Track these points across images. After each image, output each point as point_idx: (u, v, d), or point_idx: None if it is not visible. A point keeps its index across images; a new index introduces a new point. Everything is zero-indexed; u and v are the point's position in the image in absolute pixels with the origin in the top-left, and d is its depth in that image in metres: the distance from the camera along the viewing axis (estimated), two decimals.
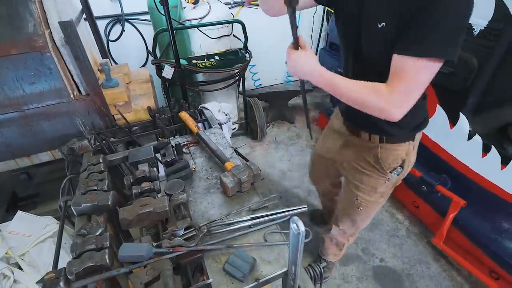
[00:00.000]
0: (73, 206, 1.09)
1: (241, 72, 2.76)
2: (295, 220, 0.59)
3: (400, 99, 0.92)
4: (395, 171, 1.31)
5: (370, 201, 1.45)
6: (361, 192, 1.43)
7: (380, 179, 1.34)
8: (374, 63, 1.07)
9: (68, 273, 0.88)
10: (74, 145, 1.47)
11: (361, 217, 1.57)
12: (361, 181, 1.40)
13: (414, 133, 1.25)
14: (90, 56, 1.94)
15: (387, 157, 1.27)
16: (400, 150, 1.26)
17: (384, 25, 0.96)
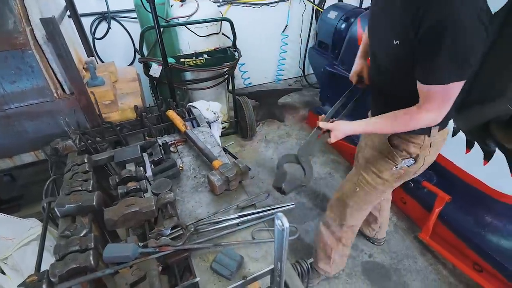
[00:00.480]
0: (56, 207, 1.07)
1: (230, 71, 2.75)
2: (279, 216, 0.59)
3: (439, 113, 1.06)
4: (407, 160, 1.32)
5: (369, 184, 1.45)
6: (365, 172, 1.46)
7: (388, 163, 1.36)
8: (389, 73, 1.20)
9: (51, 276, 0.86)
10: (58, 145, 1.44)
11: (353, 202, 1.54)
12: (371, 159, 1.43)
13: (429, 128, 1.23)
14: (74, 54, 1.90)
15: (399, 144, 1.31)
16: (413, 141, 1.28)
17: (397, 44, 1.05)
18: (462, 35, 0.88)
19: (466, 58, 0.92)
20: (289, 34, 3.99)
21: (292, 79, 4.56)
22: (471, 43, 0.90)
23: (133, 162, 1.38)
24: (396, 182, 1.44)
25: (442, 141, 1.33)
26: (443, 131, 1.30)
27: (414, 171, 1.38)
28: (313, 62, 3.60)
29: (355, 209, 1.57)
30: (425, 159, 1.33)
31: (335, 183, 2.81)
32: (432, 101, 1.03)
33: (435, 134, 1.26)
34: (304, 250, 2.22)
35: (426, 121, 1.10)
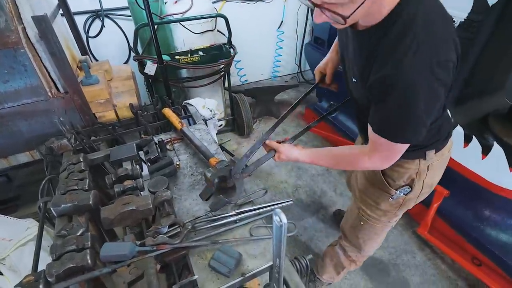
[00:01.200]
0: (52, 207, 1.06)
1: (226, 68, 2.73)
2: (277, 212, 0.59)
3: (383, 164, 1.01)
4: (402, 189, 1.20)
5: (371, 217, 1.37)
6: (364, 205, 1.37)
7: (384, 194, 1.25)
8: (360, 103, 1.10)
9: (47, 275, 0.85)
10: (53, 144, 1.42)
11: (363, 234, 1.48)
12: (365, 191, 1.34)
13: (422, 150, 1.12)
14: (68, 53, 1.87)
15: (391, 173, 1.19)
16: (408, 167, 1.15)
17: (355, 82, 1.00)
18: (408, 98, 0.79)
19: (411, 123, 0.84)
20: (284, 30, 3.97)
21: (288, 76, 4.54)
22: (418, 106, 0.80)
23: (129, 160, 1.37)
24: (400, 210, 1.32)
25: (443, 161, 1.20)
26: (442, 152, 1.17)
27: (415, 197, 1.25)
28: (310, 58, 3.59)
29: (368, 240, 1.50)
30: (424, 183, 1.20)
31: (332, 179, 2.81)
32: (377, 151, 0.97)
33: (432, 156, 1.14)
34: (302, 247, 2.23)
35: (369, 168, 1.05)
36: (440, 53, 0.78)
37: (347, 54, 1.05)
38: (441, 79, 0.79)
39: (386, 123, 0.89)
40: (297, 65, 4.40)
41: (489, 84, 1.80)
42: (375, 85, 0.84)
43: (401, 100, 0.81)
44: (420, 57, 0.76)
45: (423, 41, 0.76)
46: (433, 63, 0.77)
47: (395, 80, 0.78)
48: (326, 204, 2.56)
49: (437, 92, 0.80)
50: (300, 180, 2.81)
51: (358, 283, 2.00)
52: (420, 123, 0.85)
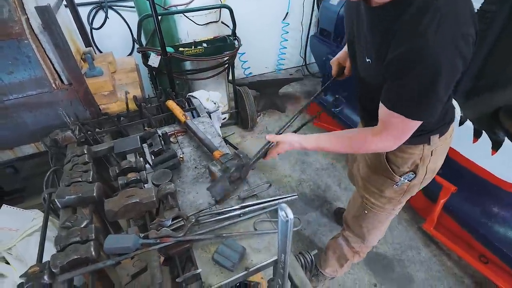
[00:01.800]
0: (56, 199, 1.06)
1: (230, 60, 2.71)
2: (283, 207, 0.57)
3: (390, 144, 0.99)
4: (406, 176, 1.20)
5: (375, 205, 1.36)
6: (367, 193, 1.37)
7: (388, 181, 1.25)
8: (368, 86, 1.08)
9: (52, 267, 0.85)
10: (57, 136, 1.42)
11: (367, 223, 1.47)
12: (369, 179, 1.33)
13: (427, 135, 1.11)
14: (72, 45, 1.86)
15: (395, 159, 1.19)
16: (411, 153, 1.15)
17: (369, 62, 0.98)
18: (431, 73, 0.78)
19: (430, 99, 0.83)
20: (290, 22, 3.91)
21: (293, 69, 4.50)
22: (440, 82, 0.79)
23: (133, 153, 1.36)
24: (404, 197, 1.32)
25: (445, 146, 1.20)
26: (445, 136, 1.17)
27: (419, 182, 1.25)
28: (315, 50, 3.54)
29: (372, 229, 1.50)
30: (427, 169, 1.20)
31: (337, 173, 2.79)
32: (390, 130, 0.96)
33: (436, 141, 1.13)
34: (305, 241, 2.22)
35: (379, 149, 1.03)
36: (462, 26, 0.77)
37: (358, 34, 1.02)
38: (462, 53, 0.77)
39: (403, 100, 0.87)
40: (302, 57, 4.34)
41: (503, 77, 1.75)
42: (394, 62, 0.83)
43: (424, 75, 0.79)
44: (443, 31, 0.75)
45: (446, 15, 0.75)
46: (457, 36, 0.76)
47: (418, 55, 0.77)
48: (330, 199, 2.54)
49: (458, 67, 0.79)
50: (304, 174, 2.79)
51: (362, 278, 1.99)
52: (439, 99, 0.84)
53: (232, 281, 0.89)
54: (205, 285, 0.86)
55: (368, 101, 1.17)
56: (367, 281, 1.97)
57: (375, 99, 0.97)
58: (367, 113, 1.25)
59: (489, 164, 1.81)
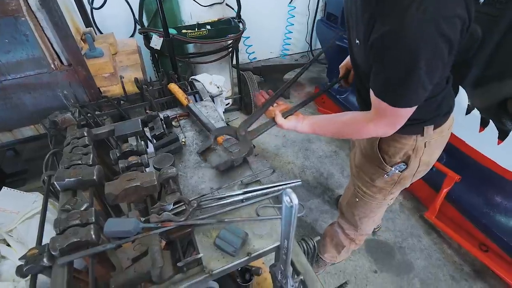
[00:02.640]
0: (56, 181, 1.04)
1: (234, 44, 2.64)
2: (288, 192, 0.55)
3: (387, 130, 0.96)
4: (397, 166, 1.17)
5: (367, 194, 1.35)
6: (359, 181, 1.35)
7: (379, 170, 1.22)
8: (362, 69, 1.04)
9: (51, 249, 0.84)
10: (57, 118, 1.39)
11: (358, 211, 1.47)
12: (362, 168, 1.32)
13: (420, 125, 1.07)
14: (71, 24, 1.81)
15: (387, 149, 1.16)
16: (404, 143, 1.12)
17: (358, 44, 0.94)
18: (409, 55, 0.73)
19: (411, 84, 0.78)
20: (296, 6, 3.81)
21: (298, 54, 4.41)
22: (419, 65, 0.74)
23: (134, 136, 1.34)
24: (395, 189, 1.29)
25: (441, 139, 1.16)
26: (442, 129, 1.12)
27: (411, 174, 1.22)
28: (321, 35, 3.45)
29: (363, 217, 1.49)
30: (420, 160, 1.16)
31: (340, 161, 2.77)
32: (381, 116, 0.92)
33: (430, 132, 1.09)
34: (307, 228, 2.23)
35: (376, 134, 1.00)
36: (446, 7, 0.71)
37: (351, 16, 0.98)
38: (445, 35, 0.72)
39: (386, 86, 0.84)
40: (307, 43, 4.25)
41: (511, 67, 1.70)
42: (376, 43, 0.79)
43: (402, 57, 0.75)
44: (424, 11, 0.70)
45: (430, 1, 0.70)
46: (439, 17, 0.71)
47: (397, 35, 0.73)
48: (332, 186, 2.53)
49: (441, 50, 0.74)
50: (307, 161, 2.78)
51: (363, 264, 2.00)
52: (420, 85, 0.79)
53: (234, 266, 0.88)
54: (206, 270, 0.85)
55: (362, 87, 1.14)
56: (367, 268, 1.98)
57: (366, 85, 0.93)
58: (362, 99, 1.22)
59: (494, 154, 1.78)
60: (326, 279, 1.92)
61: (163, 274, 0.83)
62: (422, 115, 1.01)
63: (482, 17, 1.67)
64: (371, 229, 1.63)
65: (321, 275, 1.94)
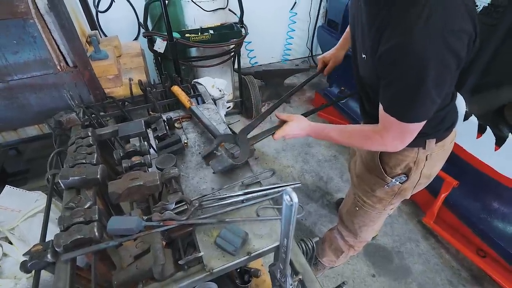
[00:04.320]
0: (60, 179, 1.06)
1: (237, 48, 2.68)
2: (288, 191, 0.57)
3: (396, 146, 0.96)
4: (398, 178, 1.17)
5: (366, 204, 1.36)
6: (360, 191, 1.36)
7: (379, 181, 1.23)
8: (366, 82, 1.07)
9: (55, 245, 0.86)
10: (61, 118, 1.42)
11: (358, 220, 1.48)
12: (362, 177, 1.32)
13: (423, 139, 1.07)
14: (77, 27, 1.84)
15: (388, 160, 1.17)
16: (406, 155, 1.12)
17: (364, 58, 0.96)
18: (418, 69, 0.74)
19: (419, 97, 0.78)
20: (297, 12, 3.86)
21: (299, 60, 4.45)
22: (428, 78, 0.75)
23: (138, 137, 1.36)
24: (395, 199, 1.30)
25: (443, 153, 1.17)
26: (444, 143, 1.13)
27: (412, 187, 1.23)
28: (322, 41, 3.50)
29: (363, 226, 1.50)
30: (421, 173, 1.17)
31: (339, 165, 2.79)
32: (390, 131, 0.92)
33: (432, 146, 1.09)
34: (306, 231, 2.24)
35: (381, 148, 1.01)
36: (453, 22, 0.73)
37: (357, 29, 1.00)
38: (453, 50, 0.73)
39: (394, 100, 0.85)
40: (308, 48, 4.30)
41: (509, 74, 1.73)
42: (384, 57, 0.80)
43: (410, 71, 0.76)
44: (431, 25, 0.71)
45: (435, 9, 0.72)
46: (446, 31, 0.72)
47: (405, 49, 0.74)
48: (331, 190, 2.55)
49: (449, 64, 0.75)
50: (306, 165, 2.80)
51: (361, 268, 2.01)
52: (430, 99, 0.80)
53: (234, 265, 0.90)
54: (207, 268, 0.87)
55: (366, 102, 1.16)
56: (365, 272, 1.99)
57: (371, 99, 0.95)
58: (366, 114, 1.23)
59: (491, 160, 1.80)
60: (325, 282, 1.93)
61: (164, 272, 0.85)
62: (424, 129, 0.97)
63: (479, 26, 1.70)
64: (370, 237, 1.64)
65: (319, 278, 1.95)
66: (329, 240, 1.79)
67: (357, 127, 1.06)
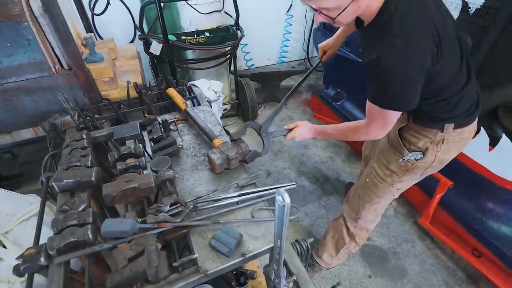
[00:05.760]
0: (54, 182, 1.06)
1: (233, 50, 2.69)
2: (280, 192, 0.57)
3: (377, 132, 1.19)
4: (414, 153, 1.28)
5: (378, 175, 1.45)
6: (376, 163, 1.47)
7: (396, 154, 1.34)
8: None
9: (49, 249, 0.86)
10: (56, 120, 1.42)
11: (364, 193, 1.54)
12: (383, 150, 1.43)
13: (441, 122, 1.20)
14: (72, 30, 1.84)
15: (408, 136, 1.30)
16: (424, 135, 1.25)
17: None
18: (392, 79, 1.00)
19: (396, 96, 1.04)
20: (293, 14, 3.88)
21: (295, 62, 4.47)
22: (402, 85, 1.01)
23: (133, 139, 1.36)
24: (405, 177, 1.39)
25: (460, 141, 1.27)
26: (462, 130, 1.24)
27: (424, 167, 1.33)
28: (318, 43, 3.50)
29: (366, 201, 1.55)
30: (436, 155, 1.27)
31: (336, 167, 2.80)
32: (373, 120, 1.15)
33: (450, 130, 1.21)
34: (303, 232, 2.24)
35: (367, 137, 1.22)
36: (418, 41, 0.96)
37: (364, 43, 1.19)
38: (415, 63, 0.98)
39: (376, 92, 1.08)
40: (304, 51, 4.32)
41: (501, 75, 1.75)
42: (367, 68, 1.07)
43: (381, 77, 1.02)
44: (396, 41, 0.96)
45: (400, 33, 0.96)
46: (410, 51, 0.96)
47: (378, 61, 1.00)
48: (328, 192, 2.56)
49: (410, 74, 0.99)
50: (303, 167, 2.80)
51: (357, 269, 2.01)
52: (398, 96, 1.04)
53: (229, 266, 0.90)
54: (201, 270, 0.87)
55: None
56: (362, 273, 2.00)
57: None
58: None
59: (486, 160, 1.81)
60: (321, 284, 1.93)
61: (158, 274, 0.84)
62: (439, 113, 1.19)
63: (472, 27, 1.73)
64: (370, 222, 1.67)
65: (316, 280, 1.95)
66: (333, 229, 1.82)
67: (348, 124, 1.33)
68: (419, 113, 1.23)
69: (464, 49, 1.12)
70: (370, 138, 1.23)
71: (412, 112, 1.25)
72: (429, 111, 1.18)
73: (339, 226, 1.76)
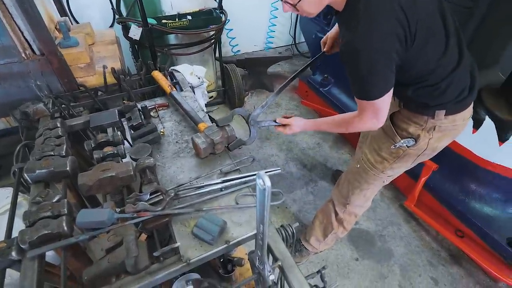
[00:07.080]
0: (26, 173, 1.00)
1: (217, 35, 2.61)
2: (261, 175, 0.54)
3: (372, 121, 1.14)
4: (406, 140, 1.26)
5: (369, 162, 1.43)
6: (368, 149, 1.45)
7: (388, 140, 1.33)
8: None
9: (20, 242, 0.81)
10: (28, 108, 1.34)
11: (353, 179, 1.54)
12: (376, 137, 1.41)
13: (432, 109, 1.17)
14: (44, 12, 1.74)
15: (400, 122, 1.29)
16: (416, 121, 1.23)
17: None
18: (359, 63, 0.99)
19: (366, 81, 1.03)
20: None
21: (282, 47, 4.40)
22: (369, 69, 1.00)
23: (111, 127, 1.30)
24: (396, 163, 1.37)
25: (453, 128, 1.24)
26: (455, 117, 1.20)
27: (416, 154, 1.31)
28: (305, 28, 3.45)
29: (356, 187, 1.54)
30: (429, 143, 1.25)
31: (323, 153, 2.79)
32: (363, 111, 1.12)
33: (441, 117, 1.18)
34: (290, 218, 2.24)
35: (361, 127, 1.18)
36: (380, 26, 0.96)
37: None
38: (381, 48, 0.97)
39: (353, 85, 1.09)
40: (291, 36, 4.25)
41: (485, 57, 1.75)
42: (340, 57, 1.07)
43: (351, 61, 1.02)
44: (358, 25, 0.97)
45: (363, 17, 0.96)
46: (374, 36, 0.96)
47: (345, 46, 1.02)
48: (315, 178, 2.56)
49: (377, 58, 0.98)
50: (290, 153, 2.79)
51: (345, 253, 2.04)
52: (374, 81, 1.03)
53: (212, 254, 0.87)
54: (183, 259, 0.84)
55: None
56: (349, 256, 2.02)
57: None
58: None
59: (469, 143, 1.83)
60: (309, 268, 1.95)
61: (138, 264, 0.81)
62: (427, 100, 1.16)
63: (457, 8, 1.71)
64: (359, 208, 1.67)
65: (304, 264, 1.96)
66: (321, 214, 1.81)
67: (340, 116, 1.27)
68: (408, 99, 1.21)
69: (450, 31, 1.07)
70: (367, 128, 1.18)
71: (403, 98, 1.24)
72: (416, 97, 1.16)
73: (328, 211, 1.76)
